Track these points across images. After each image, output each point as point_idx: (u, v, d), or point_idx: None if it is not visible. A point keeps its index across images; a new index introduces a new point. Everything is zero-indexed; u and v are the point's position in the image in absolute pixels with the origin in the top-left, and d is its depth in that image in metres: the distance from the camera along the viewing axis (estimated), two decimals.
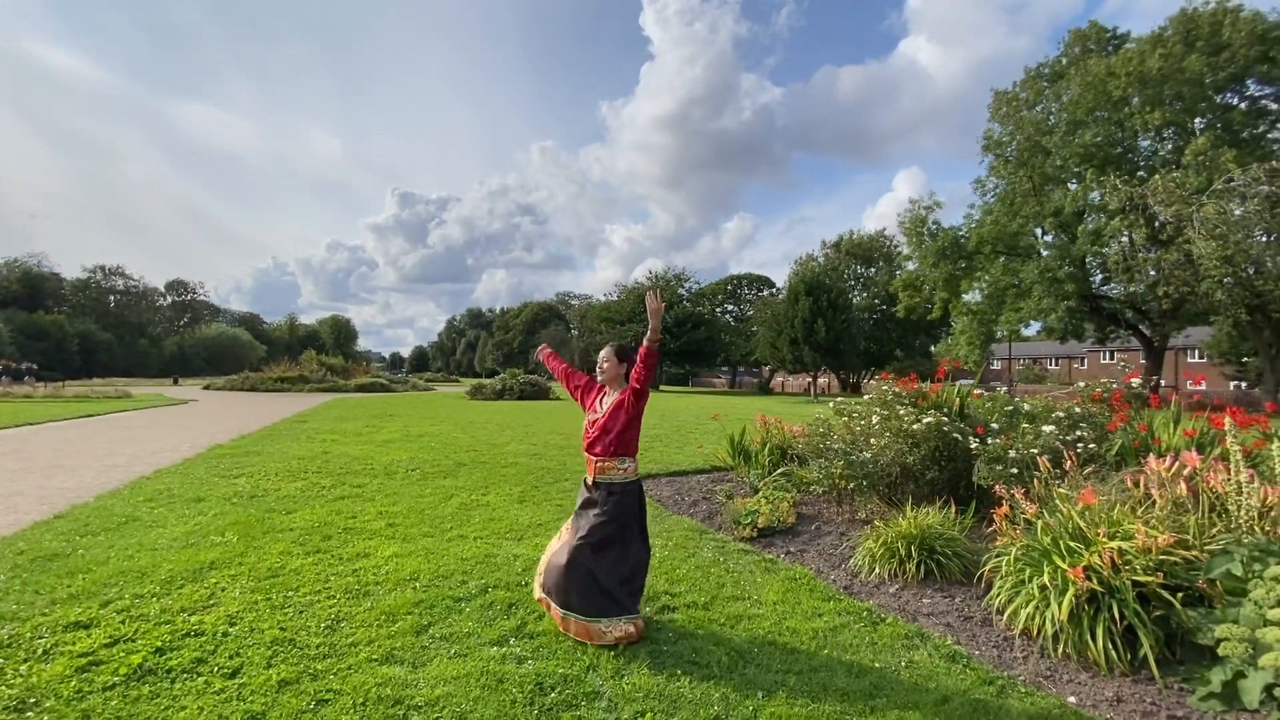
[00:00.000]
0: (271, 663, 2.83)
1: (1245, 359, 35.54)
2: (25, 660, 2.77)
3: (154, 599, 3.54)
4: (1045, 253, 26.35)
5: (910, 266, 32.51)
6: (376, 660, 2.89)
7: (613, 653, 3.00)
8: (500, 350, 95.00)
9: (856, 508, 5.69)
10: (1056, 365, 63.20)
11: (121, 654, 2.85)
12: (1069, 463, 3.97)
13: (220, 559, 4.28)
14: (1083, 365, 58.00)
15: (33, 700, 2.44)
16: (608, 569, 3.13)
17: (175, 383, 47.23)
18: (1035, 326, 29.91)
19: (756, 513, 5.30)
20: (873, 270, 47.78)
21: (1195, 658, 2.84)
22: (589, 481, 3.32)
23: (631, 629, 3.11)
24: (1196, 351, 45.28)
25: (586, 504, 3.29)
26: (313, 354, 42.40)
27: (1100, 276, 26.94)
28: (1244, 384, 37.84)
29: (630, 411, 3.19)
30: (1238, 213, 18.59)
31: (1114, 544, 3.06)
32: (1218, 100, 22.54)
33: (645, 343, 3.10)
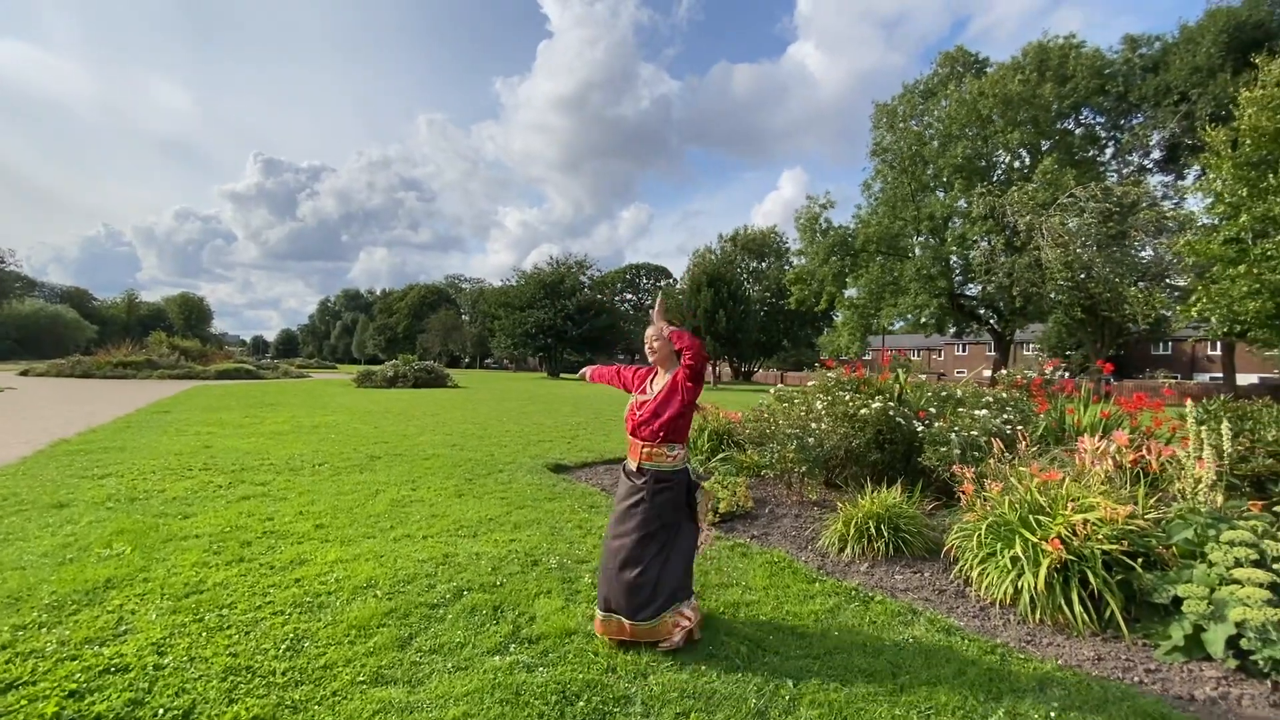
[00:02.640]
0: (233, 697, 2.36)
1: (1069, 352, 41.34)
2: None
3: (43, 630, 2.85)
4: (919, 253, 28.92)
5: (802, 261, 34.37)
6: (365, 682, 2.50)
7: (626, 653, 2.82)
8: (383, 335, 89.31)
9: (806, 490, 5.85)
10: (918, 356, 70.00)
11: (24, 703, 2.25)
12: (1022, 443, 4.30)
13: (117, 576, 3.56)
14: (940, 356, 64.59)
15: None
16: (666, 561, 2.91)
17: None
18: (901, 320, 32.90)
19: (717, 498, 5.29)
20: (764, 264, 50.10)
21: (1150, 616, 3.16)
22: (632, 468, 3.02)
23: (689, 613, 2.92)
24: (1031, 345, 51.94)
25: (631, 494, 2.97)
26: (162, 335, 37.36)
27: (960, 277, 30.05)
28: (1068, 374, 44.14)
29: (684, 396, 2.92)
30: (1072, 224, 21.44)
31: (1080, 516, 3.33)
32: (1060, 125, 25.80)
33: (674, 333, 2.92)
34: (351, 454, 8.18)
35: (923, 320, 29.64)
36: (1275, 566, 2.75)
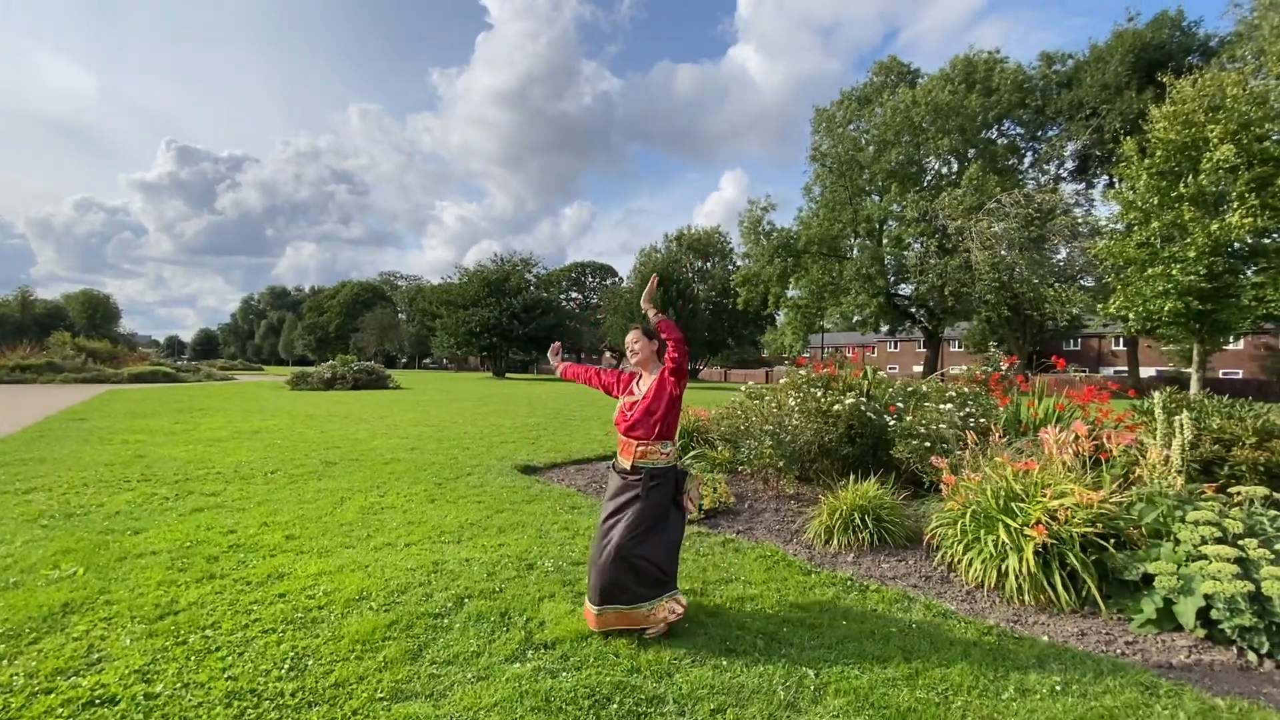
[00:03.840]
0: None
1: (991, 349, 44.11)
2: None
3: (3, 661, 2.57)
4: (858, 254, 30.08)
5: (748, 264, 35.10)
6: (384, 699, 2.39)
7: (646, 651, 2.81)
8: (313, 334, 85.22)
9: (783, 485, 5.99)
10: (852, 353, 72.89)
11: None
12: (995, 435, 4.54)
13: (75, 599, 3.25)
14: (874, 354, 67.41)
15: None
16: (659, 550, 3.00)
17: None
18: (841, 318, 34.10)
19: (703, 483, 5.34)
20: (709, 264, 50.76)
21: (1120, 592, 3.41)
22: (627, 466, 3.08)
23: (678, 607, 3.04)
24: (956, 343, 54.93)
25: (624, 491, 3.05)
26: (66, 336, 34.31)
27: (894, 277, 31.45)
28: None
29: (673, 393, 3.06)
30: (998, 228, 22.84)
31: (1056, 502, 3.55)
32: (984, 135, 27.41)
33: (662, 323, 3.05)
34: (304, 460, 7.78)
35: (860, 319, 30.87)
36: (1239, 543, 3.02)
